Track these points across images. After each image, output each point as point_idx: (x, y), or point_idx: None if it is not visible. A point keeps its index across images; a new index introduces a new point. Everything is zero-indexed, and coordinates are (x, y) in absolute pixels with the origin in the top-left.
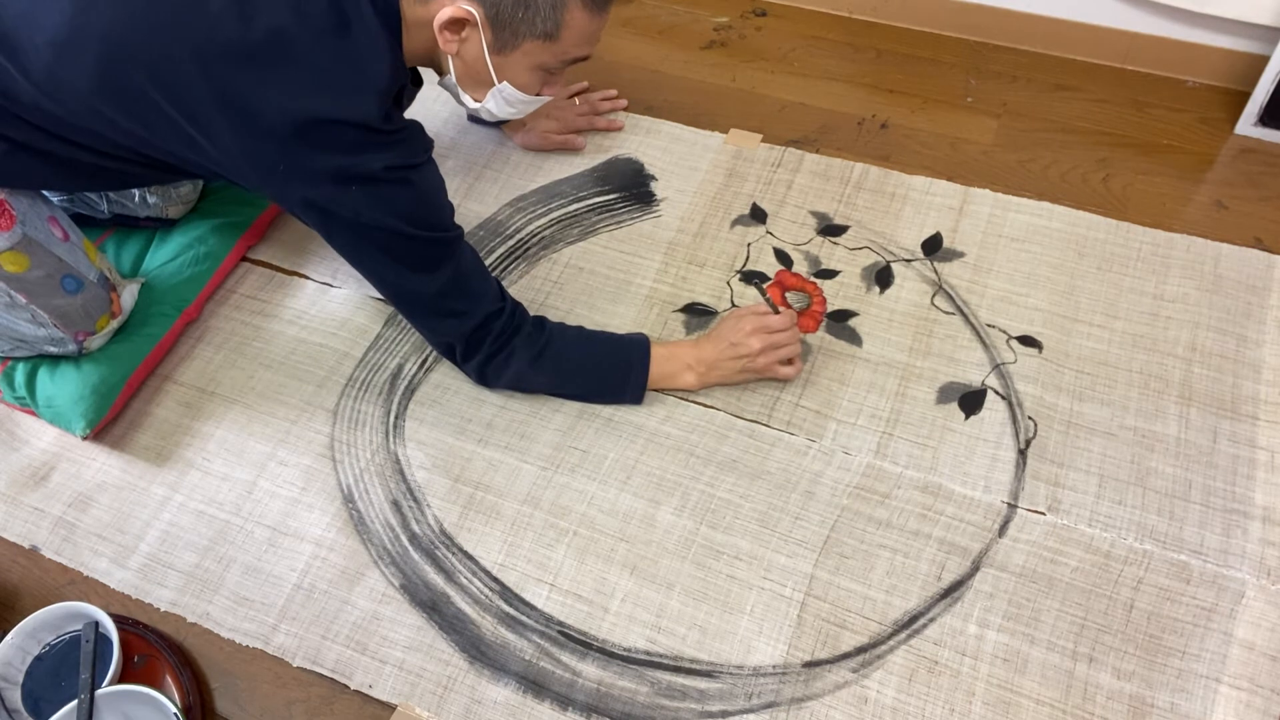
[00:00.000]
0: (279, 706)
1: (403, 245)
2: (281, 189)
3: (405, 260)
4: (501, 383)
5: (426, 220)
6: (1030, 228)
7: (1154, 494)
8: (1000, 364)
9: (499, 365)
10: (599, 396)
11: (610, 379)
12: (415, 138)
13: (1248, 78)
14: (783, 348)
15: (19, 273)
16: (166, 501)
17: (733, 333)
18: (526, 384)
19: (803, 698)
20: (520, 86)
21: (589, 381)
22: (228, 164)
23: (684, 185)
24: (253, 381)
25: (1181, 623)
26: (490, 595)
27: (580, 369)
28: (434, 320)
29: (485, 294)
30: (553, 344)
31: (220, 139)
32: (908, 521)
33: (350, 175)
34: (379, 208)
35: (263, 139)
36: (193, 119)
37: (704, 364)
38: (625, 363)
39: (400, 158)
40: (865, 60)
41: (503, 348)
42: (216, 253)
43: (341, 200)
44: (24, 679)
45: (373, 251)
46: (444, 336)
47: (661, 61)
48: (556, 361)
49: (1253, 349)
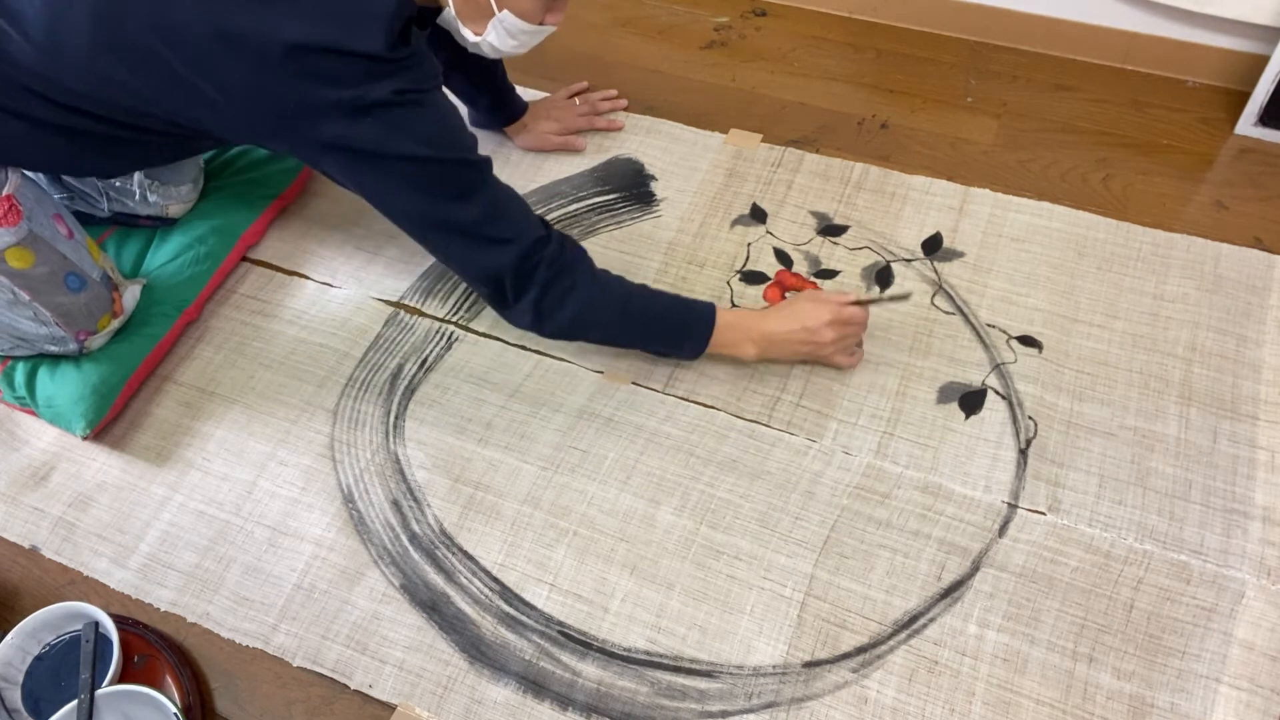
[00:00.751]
0: (279, 706)
1: (431, 173)
2: (296, 134)
3: (436, 189)
4: (559, 320)
5: (449, 142)
6: (1030, 228)
7: (1154, 494)
8: (1000, 364)
9: (556, 299)
10: (658, 345)
11: (673, 330)
12: (423, 63)
13: (1248, 78)
14: (850, 340)
15: (24, 269)
16: (166, 501)
17: (809, 317)
18: (585, 323)
19: (803, 698)
20: (522, 14)
21: (651, 329)
22: (235, 114)
23: (684, 185)
24: (253, 381)
25: (1181, 623)
26: (490, 595)
27: (645, 313)
28: (478, 252)
29: (527, 219)
30: (615, 284)
31: (224, 81)
32: (908, 521)
33: (361, 105)
34: (398, 134)
35: (267, 74)
36: (195, 63)
37: (768, 339)
38: (690, 317)
39: (409, 82)
40: (865, 60)
41: (558, 277)
42: (217, 253)
43: (359, 134)
44: (24, 679)
45: (402, 188)
46: (491, 270)
47: (661, 61)
48: (624, 301)
49: (1253, 349)
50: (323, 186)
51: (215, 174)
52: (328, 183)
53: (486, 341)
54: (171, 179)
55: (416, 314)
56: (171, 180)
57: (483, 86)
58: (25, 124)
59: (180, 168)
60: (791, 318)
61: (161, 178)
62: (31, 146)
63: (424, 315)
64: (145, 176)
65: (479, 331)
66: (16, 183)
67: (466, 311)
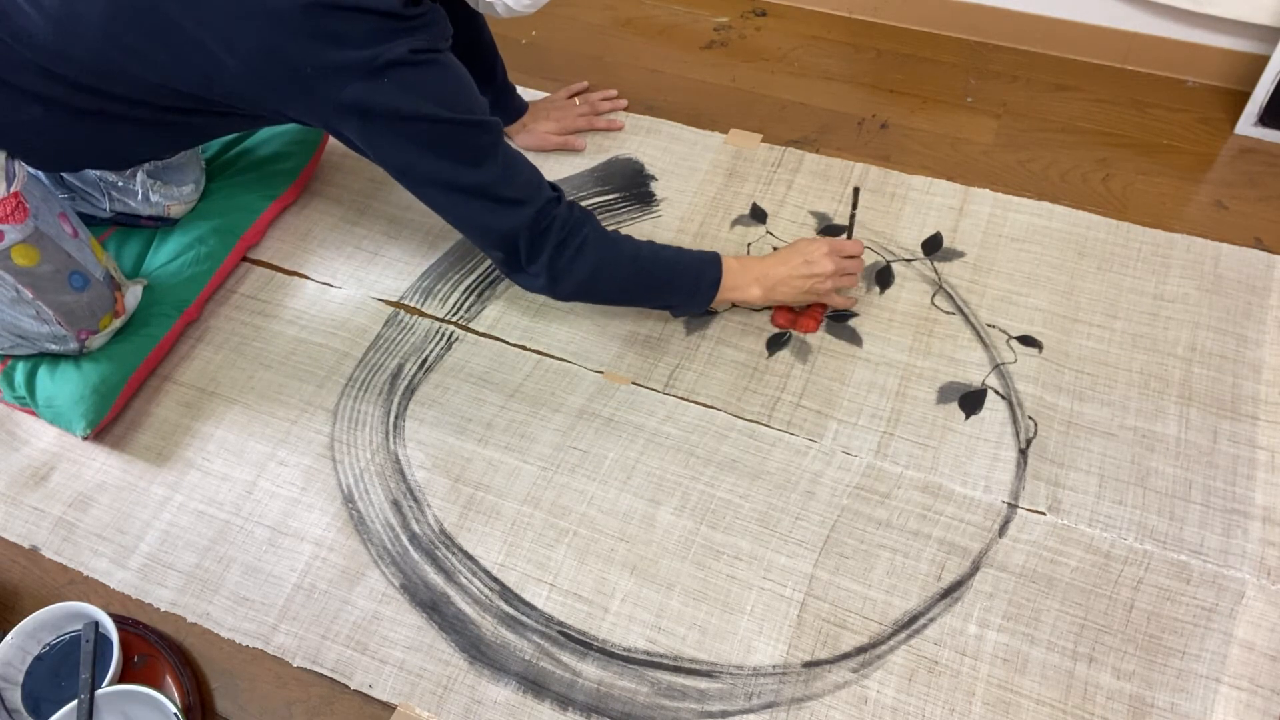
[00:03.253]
0: (279, 706)
1: (447, 134)
2: (312, 97)
3: (453, 152)
4: (573, 279)
5: (465, 103)
6: (1030, 228)
7: (1154, 494)
8: (1000, 364)
9: (569, 259)
10: (671, 297)
11: (685, 281)
12: (437, 21)
13: (1248, 78)
14: (849, 275)
15: (29, 266)
16: (166, 501)
17: (807, 251)
18: (600, 280)
19: (803, 698)
20: None
21: (664, 281)
22: (251, 78)
23: (684, 185)
24: (253, 381)
25: (1181, 623)
26: (490, 595)
27: (656, 265)
28: (493, 214)
29: (538, 181)
30: (625, 242)
31: (237, 43)
32: (908, 521)
33: (378, 65)
34: (415, 93)
35: (282, 34)
36: (209, 26)
37: (771, 279)
38: (699, 267)
39: (424, 41)
40: (865, 60)
41: (573, 234)
42: (217, 253)
43: (376, 96)
44: (24, 679)
45: (420, 151)
46: (507, 231)
47: (661, 61)
48: (634, 256)
49: (1253, 349)
50: (323, 186)
51: (216, 174)
52: (328, 183)
53: (486, 341)
54: (174, 179)
55: (416, 314)
56: (174, 180)
57: (483, 86)
58: (40, 106)
59: (183, 168)
60: (792, 254)
61: (164, 178)
62: (46, 131)
63: (424, 315)
64: (148, 176)
65: (479, 331)
66: (23, 178)
67: (466, 311)
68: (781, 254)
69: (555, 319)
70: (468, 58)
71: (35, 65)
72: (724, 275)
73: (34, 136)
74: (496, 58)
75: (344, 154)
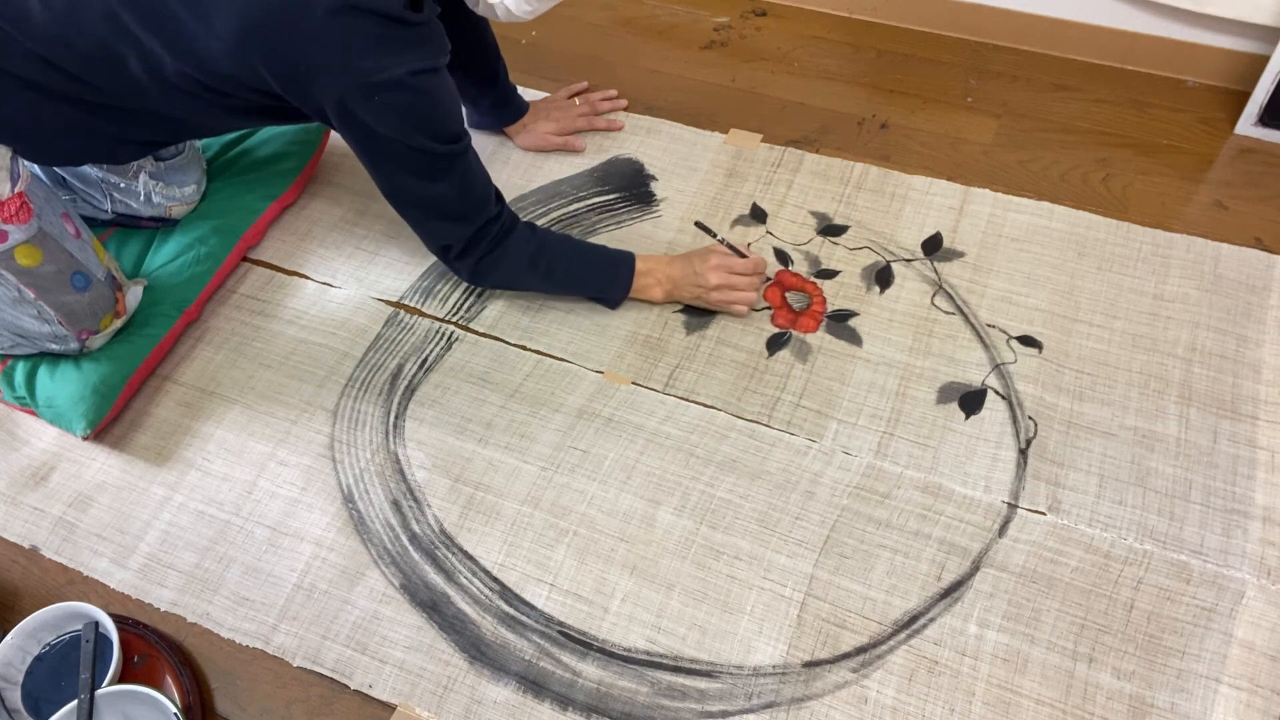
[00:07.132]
0: (279, 706)
1: (413, 155)
2: (313, 86)
3: (414, 169)
4: (493, 280)
5: (443, 127)
6: (1030, 228)
7: (1154, 494)
8: (1000, 364)
9: (491, 264)
10: (585, 295)
11: (598, 284)
12: (437, 34)
13: (1248, 78)
14: (738, 290)
15: (32, 266)
16: (166, 501)
17: (698, 261)
18: (518, 281)
19: (803, 698)
20: None
21: (575, 285)
22: (242, 59)
23: (684, 185)
24: (253, 381)
25: (1181, 623)
26: (490, 595)
27: (571, 268)
28: (436, 224)
29: (487, 200)
30: (547, 246)
31: (223, 27)
32: (908, 521)
33: (373, 84)
34: (397, 119)
35: (290, 26)
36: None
37: (671, 281)
38: (612, 266)
39: (425, 59)
40: (865, 60)
41: (496, 247)
42: (217, 253)
43: (360, 109)
44: (24, 679)
45: (381, 160)
46: (444, 239)
47: (661, 61)
48: (550, 262)
49: (1253, 349)
50: (323, 187)
51: (216, 174)
52: (328, 183)
53: (486, 341)
54: (176, 180)
55: (416, 314)
56: (176, 181)
57: (485, 87)
58: (35, 94)
59: (185, 169)
60: (686, 262)
61: (166, 179)
62: (42, 119)
63: (424, 315)
64: (150, 178)
65: (479, 331)
66: (28, 178)
67: (466, 311)
68: (683, 259)
69: (555, 319)
70: (471, 62)
71: (34, 54)
72: (635, 277)
73: (30, 124)
74: (499, 61)
75: (344, 154)
